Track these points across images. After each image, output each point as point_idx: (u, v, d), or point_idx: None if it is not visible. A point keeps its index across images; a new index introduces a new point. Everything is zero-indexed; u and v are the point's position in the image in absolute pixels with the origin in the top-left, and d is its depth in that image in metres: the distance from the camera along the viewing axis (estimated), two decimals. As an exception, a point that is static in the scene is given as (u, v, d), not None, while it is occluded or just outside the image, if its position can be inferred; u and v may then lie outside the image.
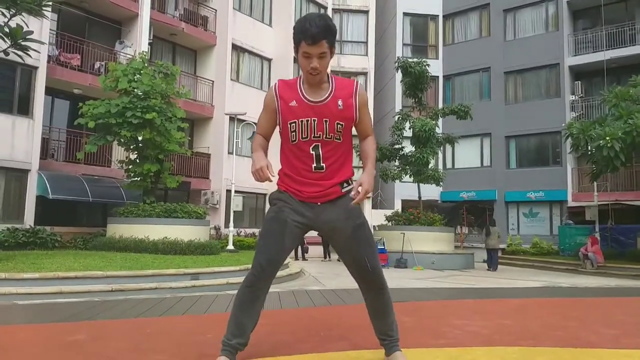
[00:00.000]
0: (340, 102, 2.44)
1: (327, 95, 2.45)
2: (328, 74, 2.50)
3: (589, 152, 13.91)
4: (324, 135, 2.44)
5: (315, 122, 2.43)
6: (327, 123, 2.43)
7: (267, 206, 16.40)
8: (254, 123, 16.97)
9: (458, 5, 23.73)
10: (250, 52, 19.52)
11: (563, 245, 17.91)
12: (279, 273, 9.27)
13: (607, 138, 12.51)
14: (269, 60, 20.22)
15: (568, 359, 2.88)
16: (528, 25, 22.13)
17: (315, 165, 2.47)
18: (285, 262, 10.75)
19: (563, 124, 16.71)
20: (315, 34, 2.31)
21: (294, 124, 2.45)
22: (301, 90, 2.47)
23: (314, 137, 2.44)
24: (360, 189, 2.38)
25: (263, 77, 20.07)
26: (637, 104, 13.41)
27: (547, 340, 3.42)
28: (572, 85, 20.60)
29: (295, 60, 18.99)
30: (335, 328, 3.76)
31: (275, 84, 2.58)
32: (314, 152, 2.46)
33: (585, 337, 3.57)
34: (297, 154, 2.50)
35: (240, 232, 16.99)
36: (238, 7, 19.09)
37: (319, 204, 2.50)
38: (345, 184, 2.54)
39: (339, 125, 2.44)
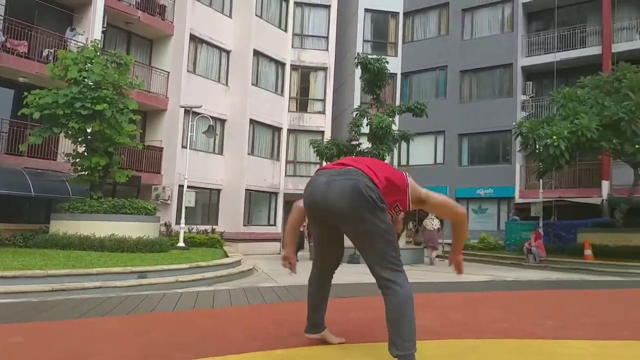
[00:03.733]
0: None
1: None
2: None
3: (537, 151, 14.40)
4: None
5: None
6: None
7: (222, 201, 16.08)
8: (210, 116, 16.73)
9: (418, 3, 24.06)
10: (209, 44, 19.12)
11: (509, 240, 18.54)
12: (230, 270, 9.16)
13: (554, 137, 12.99)
14: (228, 52, 19.88)
15: (512, 350, 2.96)
16: (485, 26, 22.70)
17: None
18: (238, 258, 10.59)
19: (514, 123, 17.25)
20: None
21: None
22: None
23: None
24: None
25: (221, 69, 19.72)
26: (583, 104, 13.99)
27: (492, 332, 3.52)
28: (523, 85, 21.30)
29: (255, 53, 18.71)
30: (286, 325, 3.73)
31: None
32: None
33: (528, 329, 3.69)
34: None
35: (192, 228, 16.66)
36: (195, -4, 18.65)
37: None
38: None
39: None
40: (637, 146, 12.41)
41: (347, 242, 2.80)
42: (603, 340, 3.33)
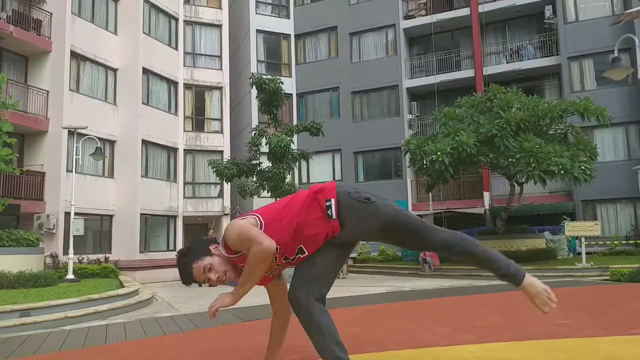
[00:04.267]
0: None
1: None
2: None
3: (424, 166, 15.41)
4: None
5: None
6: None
7: (118, 228, 15.13)
8: (98, 137, 15.73)
9: (308, 27, 24.80)
10: (93, 61, 18.04)
11: (405, 252, 19.54)
12: (126, 301, 8.62)
13: (439, 153, 13.99)
14: (115, 70, 18.90)
15: (409, 361, 3.10)
16: (371, 49, 24.00)
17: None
18: (135, 288, 10.00)
19: (402, 141, 18.32)
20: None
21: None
22: None
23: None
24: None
25: (108, 87, 18.68)
26: (462, 123, 15.26)
27: (391, 344, 3.65)
28: (409, 105, 22.78)
29: (145, 71, 17.98)
30: (186, 356, 3.58)
31: None
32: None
33: (423, 337, 3.89)
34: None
35: (83, 258, 15.44)
36: (77, 11, 17.54)
37: None
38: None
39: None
40: (510, 160, 13.72)
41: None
42: (490, 343, 3.60)
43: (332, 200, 2.45)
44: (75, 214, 14.07)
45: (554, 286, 7.45)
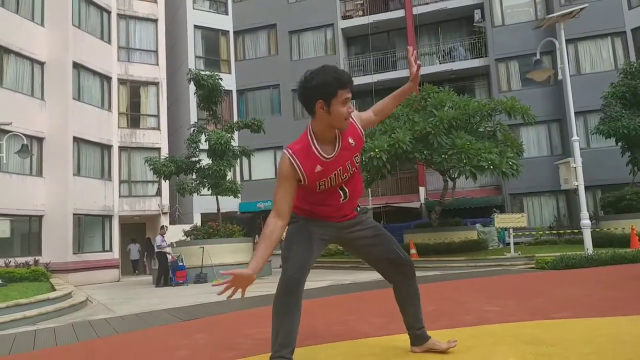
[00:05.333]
0: (350, 140, 2.57)
1: (337, 142, 2.52)
2: None
3: (363, 162, 15.75)
4: (348, 174, 2.59)
5: (341, 171, 2.55)
6: (349, 163, 2.57)
7: (49, 229, 14.54)
8: (24, 134, 14.84)
9: (247, 24, 24.58)
10: (18, 54, 17.01)
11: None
12: (58, 305, 8.28)
13: (376, 150, 14.33)
14: (42, 63, 17.90)
15: (346, 353, 3.20)
16: (311, 48, 24.16)
17: (342, 197, 2.61)
18: (67, 291, 9.62)
19: (342, 138, 18.60)
20: (349, 78, 2.52)
21: (322, 182, 2.52)
22: (319, 152, 2.49)
23: (341, 180, 2.57)
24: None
25: (34, 82, 17.68)
26: (398, 121, 15.71)
27: (329, 336, 3.74)
28: (349, 103, 23.14)
29: (75, 65, 17.21)
30: (120, 359, 3.52)
31: (291, 154, 2.47)
32: (341, 191, 2.60)
33: (360, 328, 4.01)
34: (324, 195, 2.58)
35: (10, 262, 14.55)
36: (1, 2, 16.48)
37: (340, 222, 2.67)
38: (357, 209, 2.77)
39: (357, 158, 2.63)
40: (443, 156, 14.29)
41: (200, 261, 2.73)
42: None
43: None
44: (0, 214, 13.26)
45: (485, 275, 7.89)
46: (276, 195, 2.48)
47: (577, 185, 10.55)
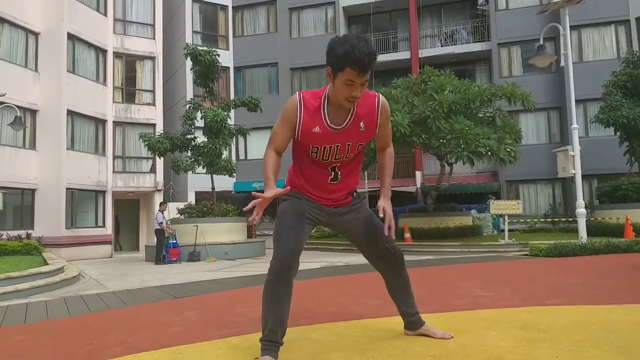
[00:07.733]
0: (362, 124, 2.43)
1: (349, 117, 2.38)
2: None
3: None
4: (345, 157, 2.49)
5: (339, 148, 2.45)
6: (350, 146, 2.46)
7: (41, 203, 14.38)
8: (17, 106, 14.62)
9: (247, -2, 24.19)
10: (12, 23, 16.67)
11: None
12: (50, 279, 8.23)
13: (374, 132, 14.25)
14: (36, 34, 17.58)
15: (338, 332, 3.17)
16: (310, 26, 23.82)
17: (331, 178, 2.54)
18: (60, 265, 9.56)
19: (341, 119, 18.46)
20: (367, 64, 2.20)
21: (316, 149, 2.46)
22: (325, 115, 2.39)
23: (335, 159, 2.48)
24: (389, 222, 2.49)
25: (29, 52, 17.37)
26: (397, 103, 15.57)
27: (322, 316, 3.73)
28: (348, 84, 22.94)
29: (70, 36, 16.86)
30: (112, 333, 3.47)
31: (301, 98, 2.38)
32: (332, 171, 2.52)
33: (354, 310, 3.99)
34: (314, 168, 2.53)
35: (2, 235, 14.49)
36: (-7, -32, 16.11)
37: (331, 208, 2.60)
38: (353, 194, 2.69)
39: (359, 146, 2.51)
40: (441, 141, 14.23)
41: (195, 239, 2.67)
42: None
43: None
44: (-8, 187, 13.15)
45: (479, 261, 7.86)
46: (274, 131, 2.53)
47: (574, 174, 10.52)
